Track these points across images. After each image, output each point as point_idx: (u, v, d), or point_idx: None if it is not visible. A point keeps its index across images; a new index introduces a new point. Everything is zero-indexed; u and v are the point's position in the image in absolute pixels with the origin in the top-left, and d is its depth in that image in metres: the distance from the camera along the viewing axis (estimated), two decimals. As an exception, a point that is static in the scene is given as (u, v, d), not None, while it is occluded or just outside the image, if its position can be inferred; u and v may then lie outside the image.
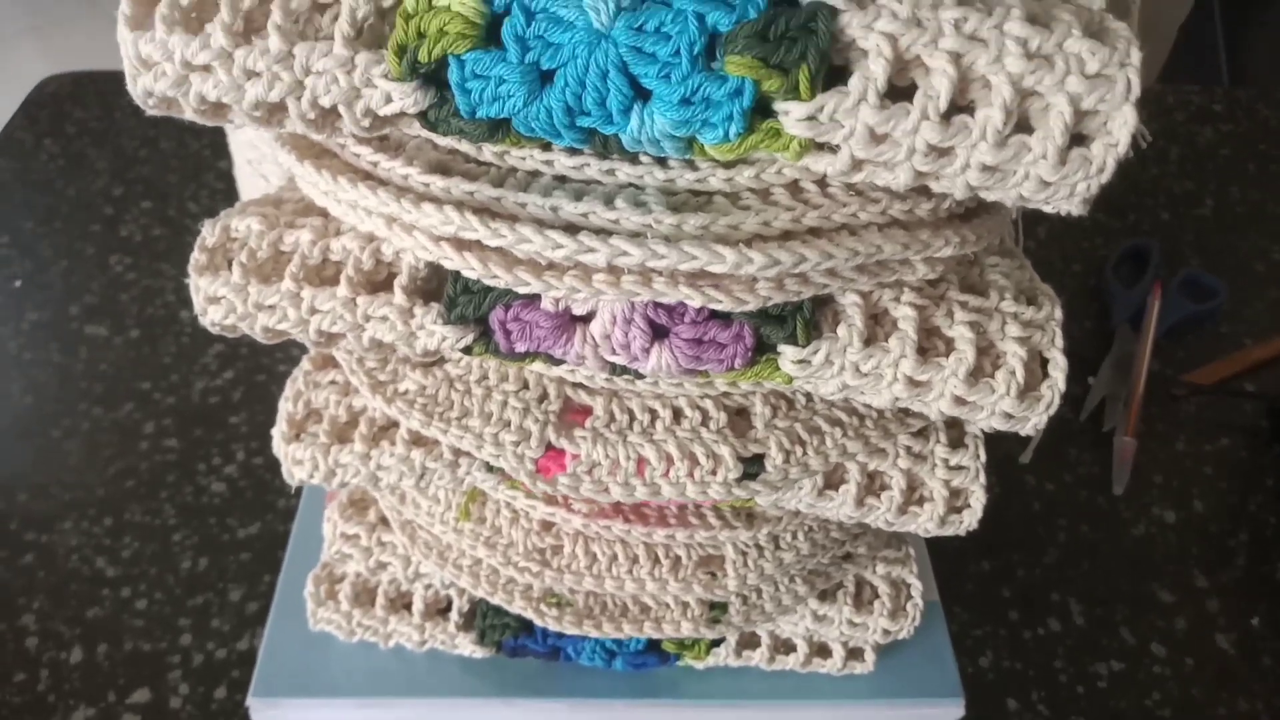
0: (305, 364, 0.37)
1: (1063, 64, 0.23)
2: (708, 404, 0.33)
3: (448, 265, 0.27)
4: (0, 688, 0.49)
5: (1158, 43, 1.35)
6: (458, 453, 0.34)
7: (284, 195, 0.32)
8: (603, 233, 0.25)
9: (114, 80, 0.94)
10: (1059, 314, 0.30)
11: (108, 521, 0.56)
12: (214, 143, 0.82)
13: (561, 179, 0.27)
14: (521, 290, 0.27)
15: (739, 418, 0.33)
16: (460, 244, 0.26)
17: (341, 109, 0.25)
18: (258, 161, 0.60)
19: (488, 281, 0.27)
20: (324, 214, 0.30)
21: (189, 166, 0.81)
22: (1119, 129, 0.24)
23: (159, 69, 0.25)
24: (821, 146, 0.24)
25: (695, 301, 0.26)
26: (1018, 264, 0.31)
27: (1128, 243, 0.75)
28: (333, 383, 0.36)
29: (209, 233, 0.30)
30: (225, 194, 0.78)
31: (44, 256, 0.73)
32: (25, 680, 0.49)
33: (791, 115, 0.24)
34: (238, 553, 0.55)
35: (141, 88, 0.25)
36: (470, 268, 0.26)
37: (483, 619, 0.42)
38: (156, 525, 0.56)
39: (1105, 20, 0.24)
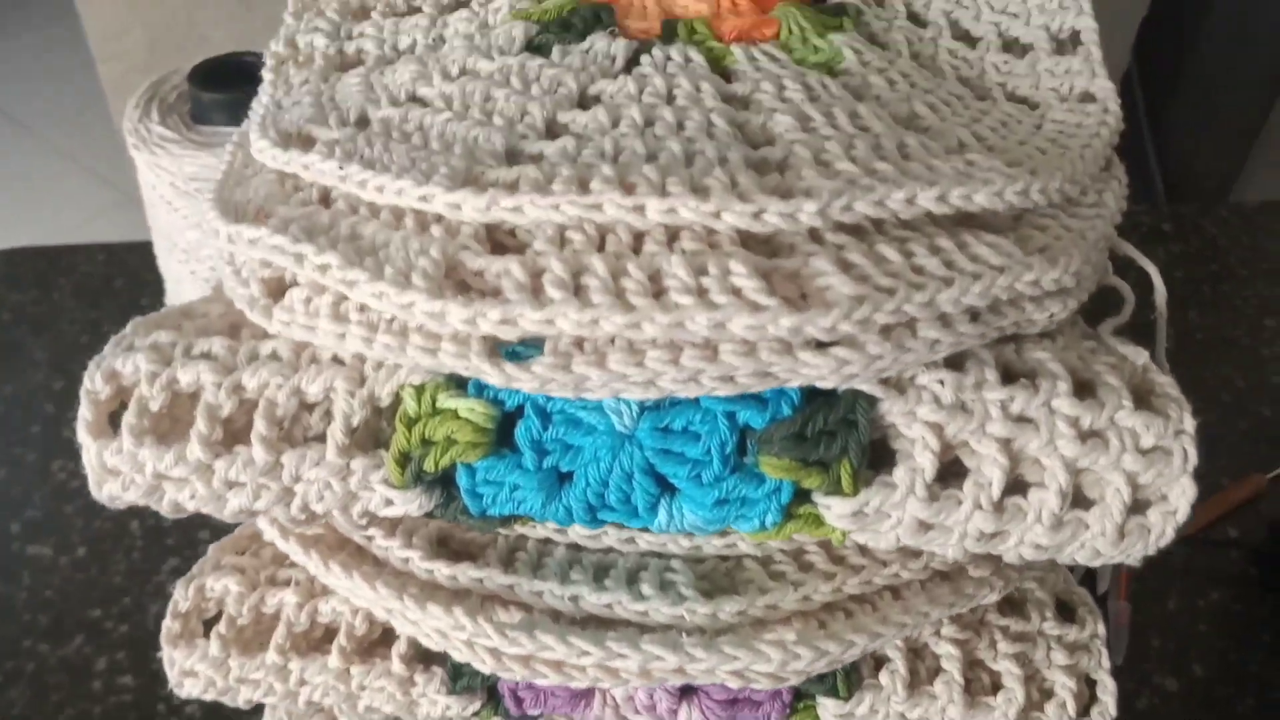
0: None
1: (1117, 441, 0.22)
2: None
3: (456, 657, 0.24)
4: None
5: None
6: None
7: (257, 530, 0.29)
8: (631, 628, 0.23)
9: (49, 258, 0.90)
10: (1102, 630, 0.28)
11: (60, 785, 0.52)
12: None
13: (576, 549, 0.25)
14: (540, 683, 0.24)
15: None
16: (471, 641, 0.24)
17: (336, 514, 0.23)
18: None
19: (502, 675, 0.24)
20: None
21: (133, 353, 0.77)
22: (1178, 498, 0.22)
23: (127, 478, 0.22)
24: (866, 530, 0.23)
25: (734, 684, 0.24)
26: (1050, 566, 0.30)
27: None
28: (319, 710, 0.33)
29: (181, 595, 0.27)
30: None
31: (-21, 467, 0.69)
32: None
33: (834, 510, 0.22)
34: (207, 810, 0.51)
35: (107, 495, 0.23)
36: (482, 662, 0.24)
37: None
38: (115, 785, 0.52)
39: (1151, 375, 0.23)
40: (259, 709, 0.50)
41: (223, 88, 0.59)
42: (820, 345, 0.20)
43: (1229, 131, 1.38)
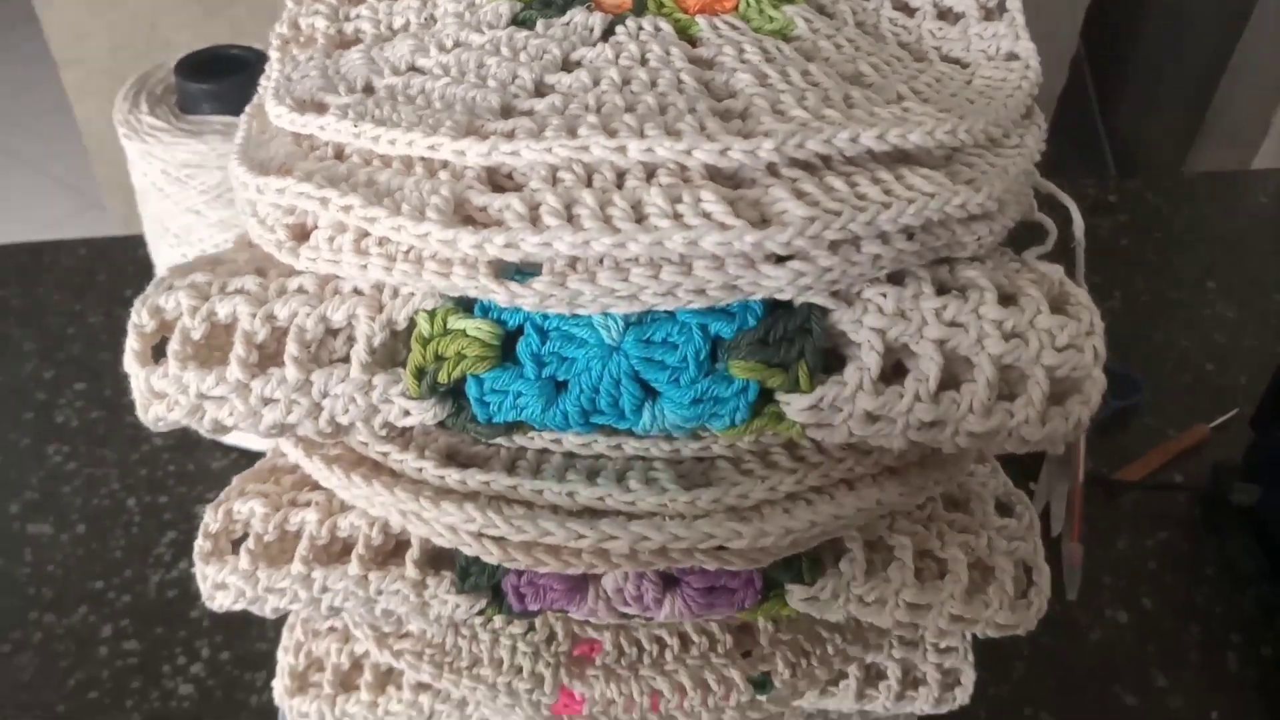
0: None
1: (1036, 340, 0.25)
2: (713, 627, 0.34)
3: (466, 552, 0.27)
4: None
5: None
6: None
7: (278, 462, 0.32)
8: (620, 516, 0.27)
9: (33, 253, 0.92)
10: (1037, 523, 0.32)
11: (73, 742, 0.54)
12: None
13: (571, 456, 0.28)
14: (542, 570, 0.27)
15: (743, 634, 0.35)
16: (480, 534, 0.27)
17: (359, 425, 0.26)
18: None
19: (508, 565, 0.27)
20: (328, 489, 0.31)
21: (120, 340, 0.79)
22: (1090, 388, 0.26)
23: (171, 400, 0.25)
24: (822, 423, 0.26)
25: (711, 566, 0.27)
26: (991, 469, 0.33)
27: (1049, 344, 0.79)
28: (332, 629, 0.36)
29: (211, 518, 0.30)
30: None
31: (-25, 451, 0.71)
32: None
33: (794, 406, 0.25)
34: (215, 760, 0.54)
35: (153, 416, 0.26)
36: (489, 554, 0.27)
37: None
38: (126, 740, 0.54)
39: (1064, 286, 0.27)
40: (266, 658, 0.53)
41: (208, 79, 0.61)
42: (779, 260, 0.24)
43: (1176, 110, 1.42)
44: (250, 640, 0.59)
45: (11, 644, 0.59)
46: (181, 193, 0.59)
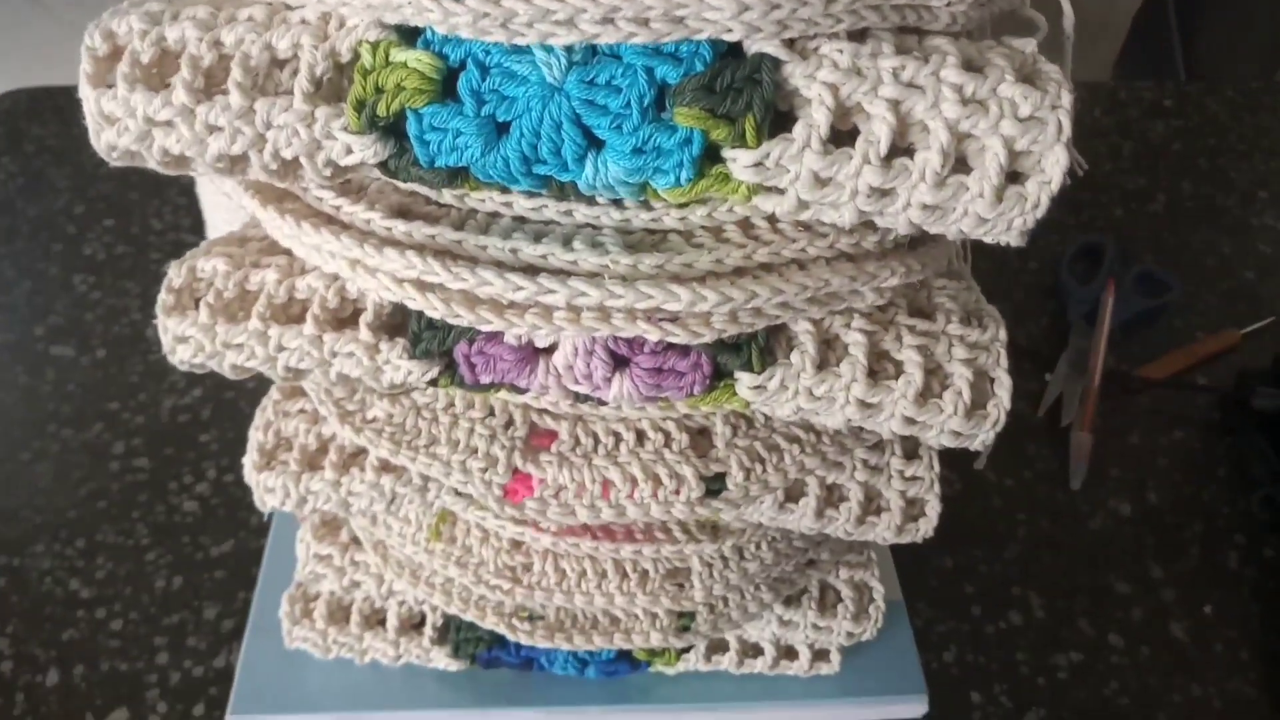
0: (274, 393, 0.37)
1: (996, 108, 0.24)
2: (670, 426, 0.34)
3: (411, 305, 0.28)
4: (-23, 714, 0.49)
5: (1110, 37, 1.37)
6: (427, 478, 0.35)
7: (249, 233, 0.32)
8: (561, 274, 0.26)
9: (71, 95, 0.93)
10: (1003, 335, 0.31)
11: (80, 543, 0.57)
12: (176, 156, 0.82)
13: (521, 220, 0.28)
14: (485, 329, 0.27)
15: (700, 437, 0.35)
16: (423, 285, 0.27)
17: (303, 160, 0.26)
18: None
19: (451, 321, 0.27)
20: (289, 253, 0.31)
21: (150, 183, 0.81)
22: (1052, 167, 0.25)
23: (121, 124, 0.26)
24: (770, 189, 0.25)
25: (653, 336, 0.27)
26: (964, 285, 0.32)
27: (1082, 240, 0.77)
28: (302, 411, 0.37)
29: (175, 274, 0.31)
30: (188, 209, 0.78)
31: (7, 277, 0.73)
32: (1, 705, 0.50)
33: (739, 162, 0.25)
34: (212, 571, 0.56)
35: (105, 142, 0.26)
36: (433, 308, 0.27)
37: (456, 633, 0.43)
38: (129, 546, 0.57)
39: (1037, 63, 0.25)
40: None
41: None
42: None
43: (1264, 29, 1.35)
44: (253, 462, 0.61)
45: (31, 453, 0.61)
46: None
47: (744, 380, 0.30)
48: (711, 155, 0.25)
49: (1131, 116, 0.92)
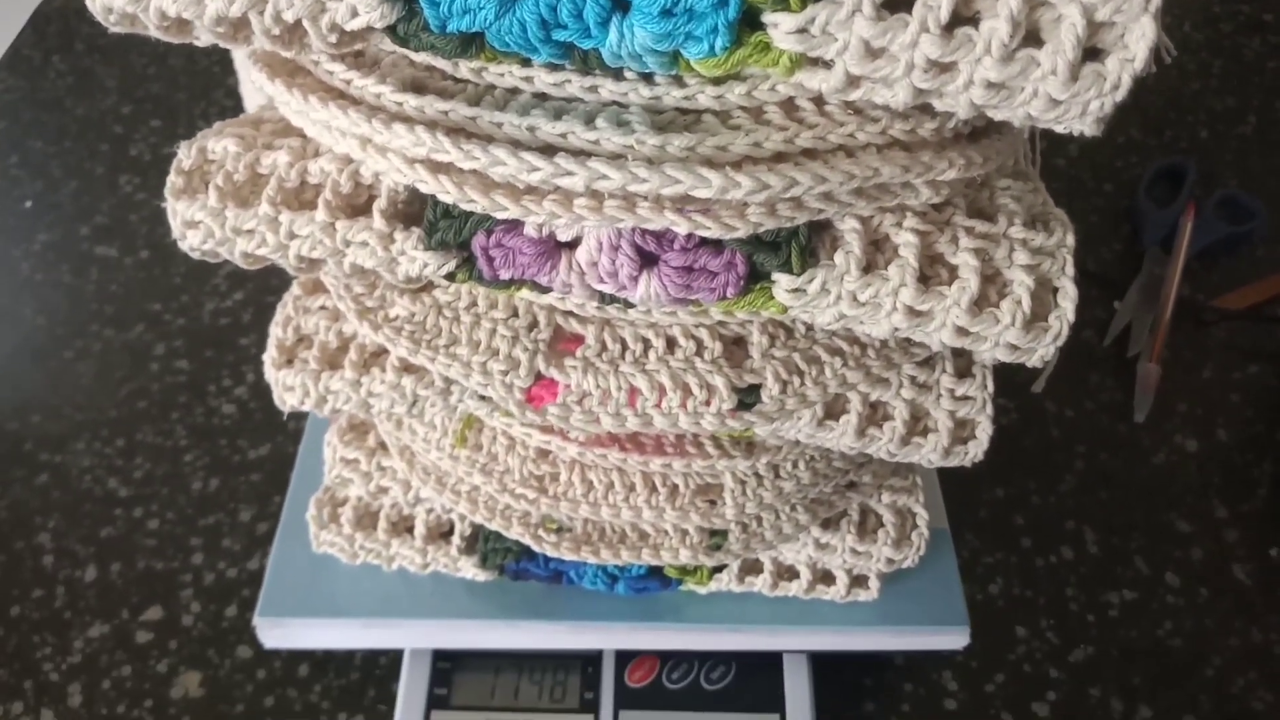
0: (295, 289, 0.36)
1: (1076, -31, 0.21)
2: (703, 333, 0.32)
3: (423, 189, 0.26)
4: (20, 603, 0.50)
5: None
6: (449, 380, 0.34)
7: (264, 115, 0.31)
8: (582, 154, 0.24)
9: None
10: (1071, 240, 0.28)
11: (120, 442, 0.57)
12: (223, 60, 0.80)
13: (542, 96, 0.26)
14: (500, 215, 0.25)
15: (735, 347, 0.32)
16: (435, 166, 0.25)
17: (306, 24, 0.24)
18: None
19: (464, 206, 0.26)
20: (303, 135, 0.29)
21: (198, 84, 0.80)
22: (1136, 42, 0.22)
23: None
24: (815, 62, 0.23)
25: (682, 228, 0.25)
26: (1031, 187, 0.29)
27: (1163, 161, 0.72)
28: (323, 308, 0.35)
29: (185, 155, 0.29)
30: (234, 111, 0.77)
31: (54, 176, 0.73)
32: (43, 596, 0.50)
33: (781, 28, 0.22)
34: (248, 473, 0.56)
35: (100, 4, 0.24)
36: (445, 191, 0.25)
37: (484, 543, 0.42)
38: (168, 446, 0.57)
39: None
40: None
41: None
42: None
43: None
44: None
45: (74, 351, 0.62)
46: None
47: (782, 282, 0.27)
48: (751, 21, 0.22)
49: (1224, 32, 0.86)
